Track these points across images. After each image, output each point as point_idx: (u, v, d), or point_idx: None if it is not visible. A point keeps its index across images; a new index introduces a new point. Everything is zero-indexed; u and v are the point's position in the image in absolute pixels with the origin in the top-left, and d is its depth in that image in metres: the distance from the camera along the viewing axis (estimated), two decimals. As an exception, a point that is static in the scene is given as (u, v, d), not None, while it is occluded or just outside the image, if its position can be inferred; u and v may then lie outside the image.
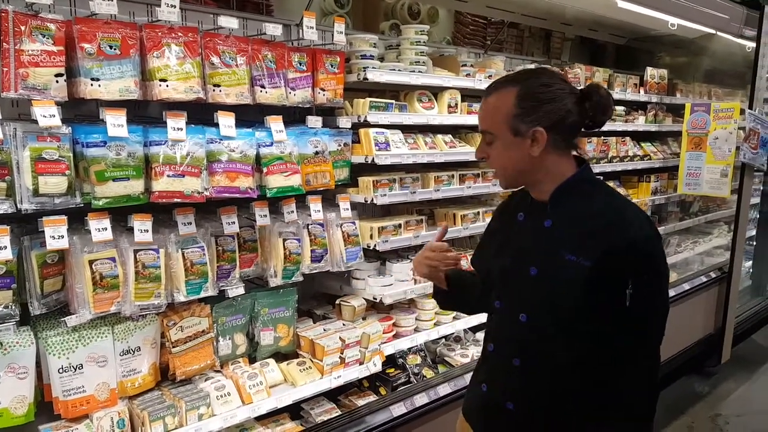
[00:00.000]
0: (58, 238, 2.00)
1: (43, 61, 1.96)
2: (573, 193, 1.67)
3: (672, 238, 5.47)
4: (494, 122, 1.65)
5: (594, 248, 1.56)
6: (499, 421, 1.80)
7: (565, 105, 1.61)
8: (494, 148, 1.68)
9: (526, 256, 1.70)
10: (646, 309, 1.57)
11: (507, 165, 1.69)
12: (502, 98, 1.64)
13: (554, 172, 1.67)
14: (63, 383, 2.06)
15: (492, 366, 1.87)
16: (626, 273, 1.54)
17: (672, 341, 4.88)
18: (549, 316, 1.65)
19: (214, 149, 2.33)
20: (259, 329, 2.64)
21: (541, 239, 1.69)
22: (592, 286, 1.55)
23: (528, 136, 1.61)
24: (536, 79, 1.64)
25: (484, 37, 4.67)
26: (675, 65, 5.66)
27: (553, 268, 1.63)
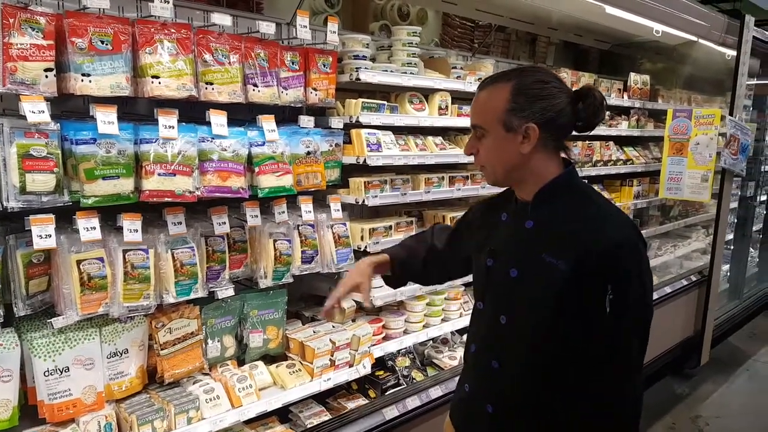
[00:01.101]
0: (45, 237, 1.94)
1: (33, 55, 1.90)
2: (556, 195, 1.65)
3: (653, 242, 5.54)
4: (487, 116, 1.63)
5: (572, 251, 1.54)
6: (480, 423, 1.79)
7: (559, 103, 1.59)
8: (485, 144, 1.66)
9: (507, 257, 1.69)
10: (626, 316, 1.52)
11: (496, 161, 1.66)
12: (497, 92, 1.61)
13: (540, 172, 1.65)
14: (49, 386, 2.00)
15: (473, 367, 1.86)
16: (606, 278, 1.50)
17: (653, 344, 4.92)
18: (528, 319, 1.63)
19: (206, 148, 2.29)
20: (248, 331, 2.60)
21: (522, 240, 1.67)
22: (570, 289, 1.53)
23: (520, 132, 1.59)
24: (532, 75, 1.62)
25: (472, 40, 4.69)
26: (656, 71, 5.74)
27: (533, 270, 1.61)
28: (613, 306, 1.50)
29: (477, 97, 1.68)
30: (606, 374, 1.55)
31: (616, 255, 1.51)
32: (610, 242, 1.52)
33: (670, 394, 4.95)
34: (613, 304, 1.49)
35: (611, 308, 1.50)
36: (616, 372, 1.56)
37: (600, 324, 1.53)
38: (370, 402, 2.85)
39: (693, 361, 5.33)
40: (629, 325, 1.54)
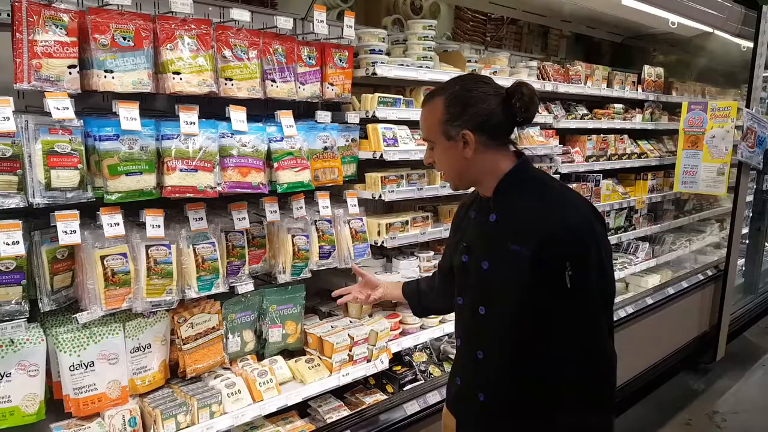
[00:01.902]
0: (70, 233, 1.98)
1: (57, 51, 1.93)
2: (513, 187, 1.78)
3: (667, 236, 5.55)
4: (430, 129, 1.80)
5: (533, 237, 1.66)
6: (474, 411, 1.91)
7: (487, 107, 1.72)
8: (436, 153, 1.83)
9: (478, 251, 1.83)
10: (586, 289, 1.65)
11: (448, 168, 1.83)
12: (434, 107, 1.77)
13: (493, 170, 1.79)
14: (74, 381, 2.04)
15: (462, 359, 2.00)
16: (564, 257, 1.63)
17: (669, 339, 4.97)
18: (503, 307, 1.76)
19: (226, 144, 2.32)
20: (268, 326, 2.64)
21: (489, 234, 1.80)
22: (534, 272, 1.66)
23: (459, 139, 1.74)
24: (460, 84, 1.77)
25: (484, 33, 4.70)
26: (670, 64, 5.73)
27: (502, 260, 1.74)
28: (573, 281, 1.62)
29: (422, 113, 1.84)
30: (576, 341, 1.67)
31: (573, 235, 1.65)
32: (566, 223, 1.66)
33: (685, 390, 4.96)
34: (573, 279, 1.62)
35: (571, 283, 1.62)
36: (585, 338, 1.68)
37: (564, 299, 1.65)
38: (389, 397, 2.88)
39: (708, 356, 5.35)
40: (591, 296, 1.66)
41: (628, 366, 4.49)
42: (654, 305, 4.66)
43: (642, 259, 5.07)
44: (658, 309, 4.70)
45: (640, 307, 4.54)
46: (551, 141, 3.97)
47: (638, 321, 4.48)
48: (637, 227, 5.04)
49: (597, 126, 4.56)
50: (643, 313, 4.53)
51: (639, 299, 4.65)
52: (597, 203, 4.46)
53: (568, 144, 4.44)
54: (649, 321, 4.61)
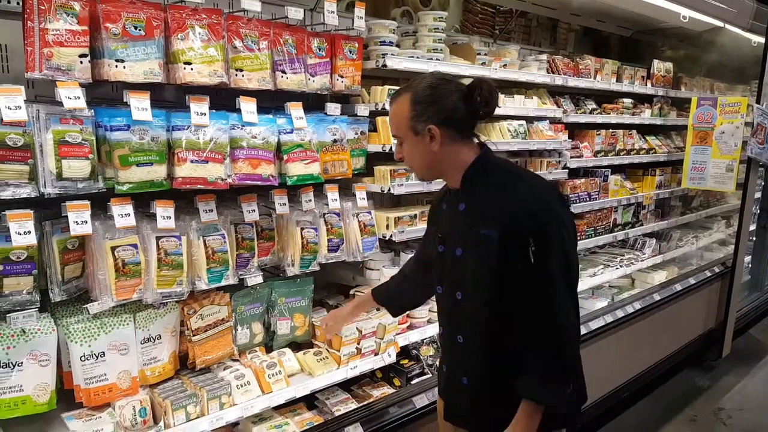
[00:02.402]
0: (81, 223, 1.98)
1: (68, 40, 1.94)
2: (478, 176, 1.92)
3: (674, 233, 5.55)
4: (399, 126, 1.92)
5: (498, 219, 1.81)
6: (460, 395, 2.04)
7: (450, 102, 1.85)
8: (404, 149, 1.95)
9: (451, 240, 1.97)
10: (551, 264, 1.77)
11: (416, 161, 1.96)
12: (401, 104, 1.90)
13: (458, 161, 1.92)
14: (85, 371, 2.05)
15: (445, 347, 2.14)
16: (527, 234, 1.77)
17: (675, 336, 4.97)
18: (477, 290, 1.90)
19: (237, 135, 2.32)
20: (276, 318, 2.65)
21: (460, 222, 1.94)
22: (502, 253, 1.80)
23: (426, 134, 1.86)
24: (424, 82, 1.89)
25: (493, 26, 4.67)
26: (679, 59, 5.71)
27: (473, 245, 1.89)
28: (536, 255, 1.76)
29: (390, 112, 1.97)
30: (540, 311, 1.80)
31: (533, 213, 1.79)
32: (527, 203, 1.80)
33: (691, 387, 4.97)
34: (536, 253, 1.76)
35: (535, 258, 1.76)
36: (548, 307, 1.79)
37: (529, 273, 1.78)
38: (397, 390, 2.89)
39: (714, 353, 5.36)
40: (554, 268, 1.78)
41: (633, 362, 4.51)
42: (661, 302, 4.67)
43: (648, 255, 5.07)
44: (664, 305, 4.71)
45: (647, 303, 4.55)
46: (560, 135, 3.97)
47: (645, 317, 4.49)
48: (644, 223, 5.04)
49: (606, 121, 4.55)
50: (650, 309, 4.54)
51: (646, 295, 4.65)
52: (605, 198, 4.47)
53: (577, 138, 4.44)
54: (656, 317, 4.62)
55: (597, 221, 4.46)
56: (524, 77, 3.66)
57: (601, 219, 4.51)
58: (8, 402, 1.92)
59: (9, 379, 1.92)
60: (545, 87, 4.10)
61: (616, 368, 4.29)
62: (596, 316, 4.14)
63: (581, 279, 4.33)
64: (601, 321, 4.11)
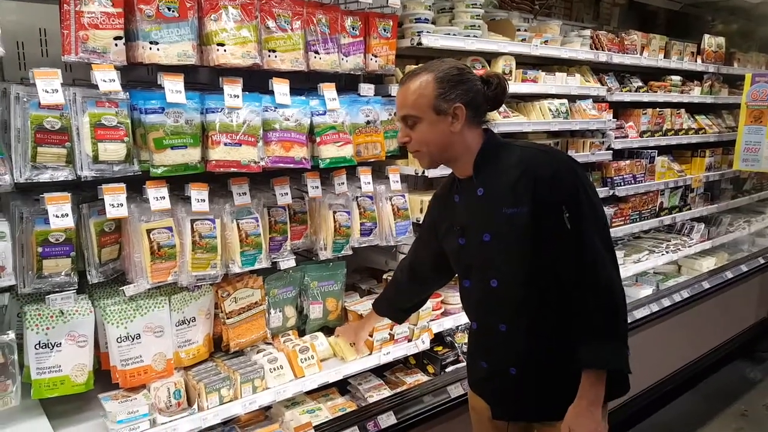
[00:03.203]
0: (117, 206, 2.05)
1: (103, 23, 1.98)
2: (490, 157, 1.96)
3: (724, 217, 5.42)
4: (416, 105, 1.91)
5: (525, 193, 1.84)
6: (506, 386, 2.05)
7: (475, 86, 1.93)
8: (418, 130, 1.94)
9: (474, 228, 1.98)
10: (584, 224, 1.83)
11: (431, 142, 1.94)
12: (422, 83, 1.90)
13: (470, 146, 1.97)
14: (121, 353, 2.13)
15: (482, 342, 2.14)
16: (558, 200, 1.82)
17: (724, 326, 4.88)
18: (514, 272, 1.92)
19: (270, 117, 2.36)
20: (309, 302, 2.70)
21: (481, 207, 1.96)
22: (536, 225, 1.84)
23: (449, 113, 1.89)
24: (447, 65, 1.93)
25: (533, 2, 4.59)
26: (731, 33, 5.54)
27: (501, 226, 1.91)
28: (572, 221, 1.82)
29: (403, 90, 1.95)
30: (590, 275, 1.83)
31: (560, 178, 1.84)
32: (550, 170, 1.85)
33: (741, 379, 4.89)
34: (571, 219, 1.82)
35: (571, 223, 1.81)
36: (597, 271, 1.83)
37: (569, 240, 1.82)
38: (431, 379, 2.92)
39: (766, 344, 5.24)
40: (590, 230, 1.83)
41: (679, 353, 4.45)
42: (710, 290, 4.58)
43: (697, 240, 4.97)
44: (714, 294, 4.62)
45: (696, 291, 4.47)
46: (604, 115, 3.91)
47: (693, 307, 4.41)
48: (693, 207, 4.94)
49: (653, 99, 4.46)
50: (699, 298, 4.46)
51: (694, 283, 4.57)
52: (651, 181, 4.39)
53: (622, 118, 4.36)
54: (704, 307, 4.54)
55: (642, 205, 4.39)
56: (566, 54, 3.61)
57: (647, 203, 4.43)
58: (47, 382, 2.01)
59: (48, 359, 2.01)
60: (588, 64, 4.03)
61: (661, 359, 4.24)
62: (641, 305, 4.09)
63: (625, 265, 4.28)
64: (646, 310, 4.06)
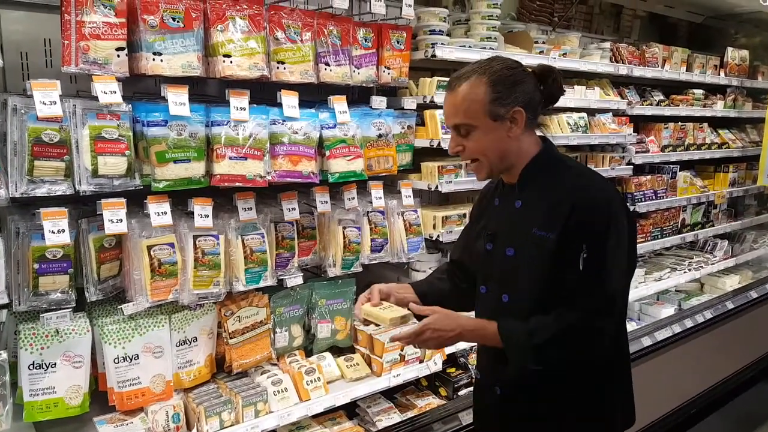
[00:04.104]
0: (116, 221, 1.96)
1: (105, 33, 1.90)
2: (539, 171, 1.78)
3: (748, 234, 5.23)
4: (470, 112, 1.70)
5: (558, 220, 1.67)
6: (491, 405, 1.91)
7: (530, 84, 1.72)
8: (472, 138, 1.73)
9: (502, 239, 1.83)
10: (599, 272, 1.64)
11: (489, 151, 1.74)
12: (474, 87, 1.69)
13: (525, 152, 1.78)
14: (118, 374, 2.03)
15: (482, 351, 1.99)
16: (581, 236, 1.64)
17: (749, 347, 4.67)
18: (527, 293, 1.75)
19: (277, 131, 2.26)
20: (317, 321, 2.58)
21: (514, 220, 1.81)
22: (557, 255, 1.66)
23: (507, 118, 1.70)
24: (500, 64, 1.72)
25: (551, 14, 4.47)
26: (755, 46, 5.36)
27: (526, 246, 1.75)
28: (587, 263, 1.63)
29: (451, 97, 1.75)
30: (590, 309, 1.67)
31: (592, 214, 1.67)
32: (588, 202, 1.68)
33: (765, 403, 4.66)
34: (587, 262, 1.63)
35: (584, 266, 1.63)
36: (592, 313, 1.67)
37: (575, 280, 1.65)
38: (443, 404, 2.77)
39: (791, 366, 5.01)
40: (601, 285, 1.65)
41: (702, 375, 4.25)
42: (734, 310, 4.38)
43: (720, 258, 4.78)
44: (738, 314, 4.42)
45: (719, 312, 4.28)
46: (624, 129, 3.76)
47: (716, 327, 4.21)
48: (716, 224, 4.75)
49: (674, 113, 4.29)
50: (723, 318, 4.27)
51: (717, 304, 4.38)
52: (672, 197, 4.22)
53: (643, 132, 4.19)
54: (728, 327, 4.34)
55: (664, 221, 4.22)
56: (586, 66, 3.47)
57: (668, 219, 4.26)
58: (40, 404, 1.91)
59: (42, 380, 1.91)
60: (608, 77, 3.90)
61: (683, 382, 4.05)
62: (662, 326, 3.91)
63: (646, 283, 4.11)
64: (668, 331, 3.88)
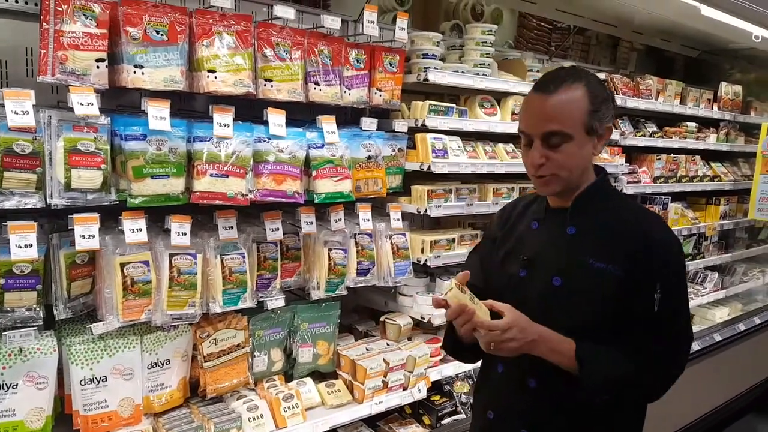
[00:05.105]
0: (88, 237, 1.82)
1: (84, 44, 1.79)
2: (595, 199, 1.62)
3: (738, 266, 5.07)
4: (569, 121, 1.51)
5: (623, 254, 1.52)
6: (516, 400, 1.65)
7: (612, 103, 1.60)
8: (564, 151, 1.53)
9: (545, 266, 1.61)
10: (675, 313, 1.54)
11: (573, 167, 1.56)
12: (575, 95, 1.52)
13: (588, 175, 1.63)
14: (85, 396, 1.88)
15: (500, 390, 1.72)
16: (655, 277, 1.51)
17: (737, 379, 4.51)
18: (576, 328, 1.54)
19: (262, 149, 2.14)
20: (298, 345, 2.43)
21: (564, 247, 1.60)
22: (624, 293, 1.51)
23: (598, 134, 1.56)
24: (592, 76, 1.59)
25: (549, 43, 4.39)
26: (749, 82, 5.27)
27: (580, 277, 1.56)
28: (662, 303, 1.51)
29: (546, 101, 1.52)
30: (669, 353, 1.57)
31: (668, 251, 1.55)
32: (662, 237, 1.56)
33: (753, 436, 4.50)
34: (662, 301, 1.51)
35: (660, 306, 1.50)
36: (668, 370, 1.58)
37: (651, 323, 1.52)
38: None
39: (780, 399, 4.85)
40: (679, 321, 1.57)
41: (692, 406, 4.08)
42: (722, 342, 4.23)
43: (710, 290, 4.62)
44: (726, 346, 4.26)
45: (707, 344, 4.12)
46: (616, 159, 3.63)
47: (705, 359, 4.05)
48: (706, 255, 4.61)
49: (667, 145, 4.18)
50: (709, 351, 4.11)
51: (706, 335, 4.22)
52: (663, 228, 4.07)
53: (635, 163, 4.07)
54: (717, 359, 4.18)
55: (654, 252, 4.07)
56: (579, 96, 3.35)
57: (659, 250, 4.11)
58: (-2, 427, 1.77)
59: (2, 402, 1.76)
60: (602, 107, 3.77)
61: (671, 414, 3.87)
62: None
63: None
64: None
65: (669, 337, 1.55)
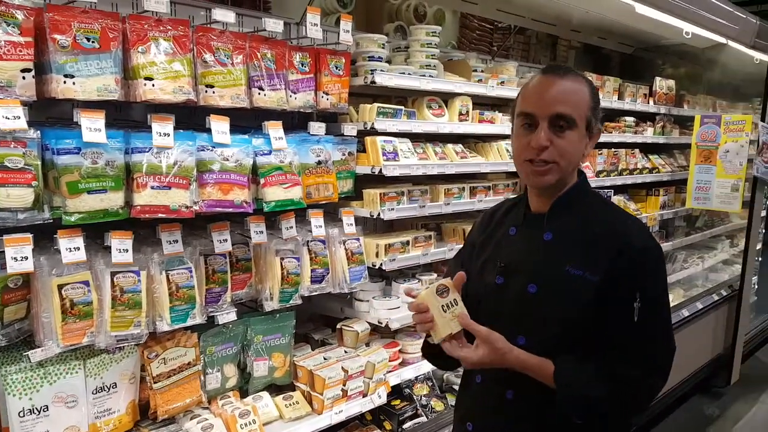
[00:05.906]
0: (21, 259, 1.69)
1: (8, 53, 1.66)
2: (573, 203, 1.58)
3: (679, 254, 5.24)
4: (576, 108, 1.50)
5: (601, 261, 1.47)
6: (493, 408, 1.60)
7: None
8: (567, 138, 1.49)
9: (521, 273, 1.56)
10: (655, 323, 1.48)
11: (572, 158, 1.53)
12: (580, 88, 1.52)
13: (572, 177, 1.59)
14: (24, 428, 1.75)
15: (478, 400, 1.67)
16: (634, 285, 1.46)
17: (682, 363, 4.64)
18: (552, 336, 1.50)
19: (206, 158, 2.04)
20: (252, 359, 2.34)
21: (541, 253, 1.55)
22: (602, 301, 1.45)
23: (593, 133, 1.55)
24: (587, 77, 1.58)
25: (491, 43, 4.43)
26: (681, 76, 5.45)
27: (556, 285, 1.50)
28: (641, 313, 1.45)
29: (560, 84, 1.50)
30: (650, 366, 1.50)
31: (647, 259, 1.49)
32: (641, 245, 1.49)
33: (699, 416, 4.64)
34: (641, 311, 1.45)
35: (639, 316, 1.45)
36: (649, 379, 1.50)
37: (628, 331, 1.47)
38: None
39: (722, 379, 5.03)
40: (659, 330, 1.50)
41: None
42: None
43: (653, 278, 4.75)
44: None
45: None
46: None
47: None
48: (649, 245, 4.73)
49: (608, 140, 4.26)
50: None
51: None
52: (608, 221, 4.16)
53: (578, 158, 4.14)
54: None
55: (600, 244, 4.15)
56: (523, 95, 3.38)
57: (605, 242, 4.19)
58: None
59: (-71, 442, 1.62)
60: (545, 105, 3.81)
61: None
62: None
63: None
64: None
65: (650, 349, 1.49)
